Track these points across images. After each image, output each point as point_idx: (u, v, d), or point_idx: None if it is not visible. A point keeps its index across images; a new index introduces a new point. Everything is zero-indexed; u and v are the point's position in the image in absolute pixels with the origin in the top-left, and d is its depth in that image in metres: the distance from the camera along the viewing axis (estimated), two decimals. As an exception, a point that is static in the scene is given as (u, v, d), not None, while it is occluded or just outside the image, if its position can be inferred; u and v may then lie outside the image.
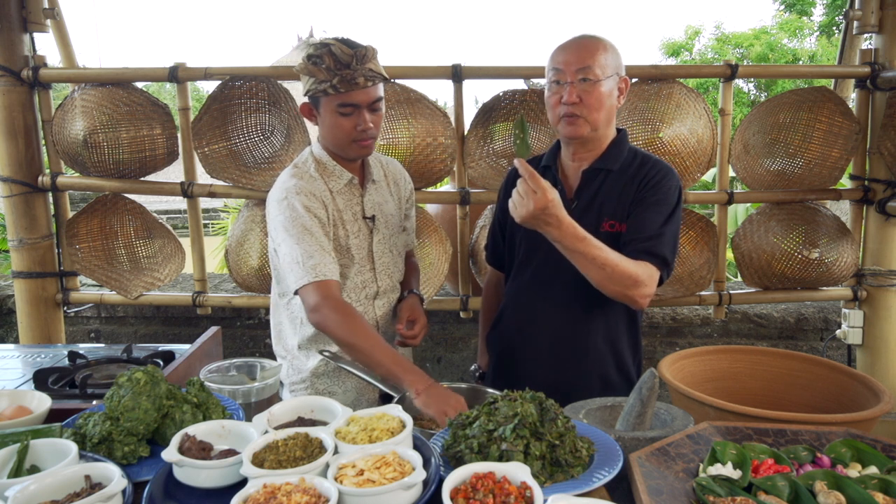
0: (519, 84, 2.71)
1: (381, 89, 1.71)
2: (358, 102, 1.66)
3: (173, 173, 2.94)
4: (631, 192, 1.70)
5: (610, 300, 1.66)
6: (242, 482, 1.05)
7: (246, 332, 3.29)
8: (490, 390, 1.55)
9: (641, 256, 1.60)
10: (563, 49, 1.70)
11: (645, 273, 1.58)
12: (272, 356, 1.92)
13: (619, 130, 1.79)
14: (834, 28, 17.75)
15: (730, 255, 3.01)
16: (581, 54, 1.64)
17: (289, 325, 1.89)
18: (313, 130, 2.97)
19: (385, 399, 1.54)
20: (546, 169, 1.83)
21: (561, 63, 1.67)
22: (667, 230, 1.65)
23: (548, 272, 1.76)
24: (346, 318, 1.59)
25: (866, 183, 2.84)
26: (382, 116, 1.75)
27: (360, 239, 1.82)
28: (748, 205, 5.79)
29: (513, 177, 1.93)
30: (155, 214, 2.96)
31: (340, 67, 1.62)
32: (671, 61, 18.76)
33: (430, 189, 2.99)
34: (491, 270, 2.08)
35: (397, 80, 2.65)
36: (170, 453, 1.10)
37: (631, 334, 1.81)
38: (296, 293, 1.66)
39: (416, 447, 1.15)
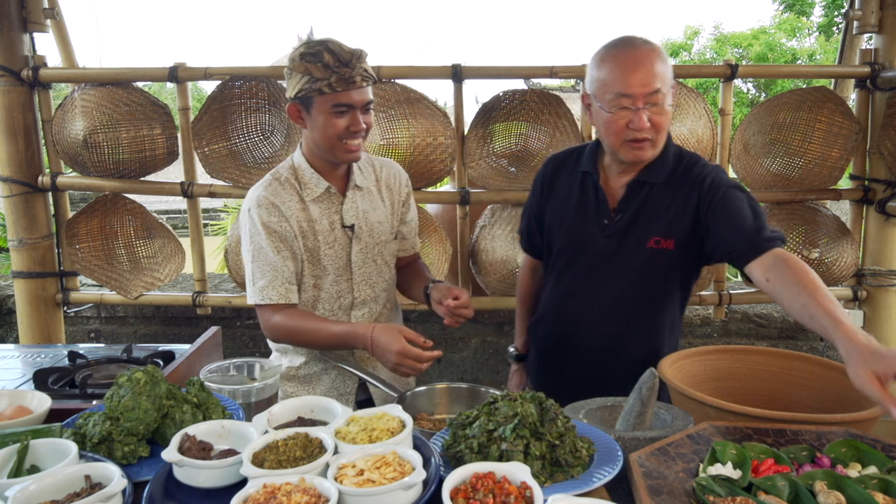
0: (519, 84, 2.71)
1: (371, 92, 1.69)
2: (353, 103, 1.63)
3: (173, 173, 2.94)
4: (682, 212, 1.62)
5: (652, 310, 1.66)
6: (242, 482, 1.05)
7: (246, 332, 3.29)
8: (491, 390, 1.55)
9: (766, 248, 1.47)
10: (623, 65, 1.55)
11: (801, 263, 1.43)
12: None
13: None
14: (833, 28, 17.76)
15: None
16: (649, 75, 1.53)
17: None
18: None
19: (360, 406, 1.56)
20: (586, 175, 1.74)
21: (630, 88, 1.53)
22: (758, 215, 1.54)
23: (588, 283, 1.72)
24: (290, 327, 1.71)
25: (866, 183, 2.84)
26: (372, 122, 1.71)
27: (337, 249, 1.77)
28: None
29: (550, 168, 1.84)
30: (155, 214, 2.96)
31: (339, 65, 1.59)
32: (670, 61, 18.77)
33: (430, 189, 2.99)
34: (526, 256, 2.01)
35: (397, 80, 2.65)
36: (170, 453, 1.10)
37: (671, 343, 1.76)
38: None
39: (416, 447, 1.15)
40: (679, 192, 1.64)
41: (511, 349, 2.06)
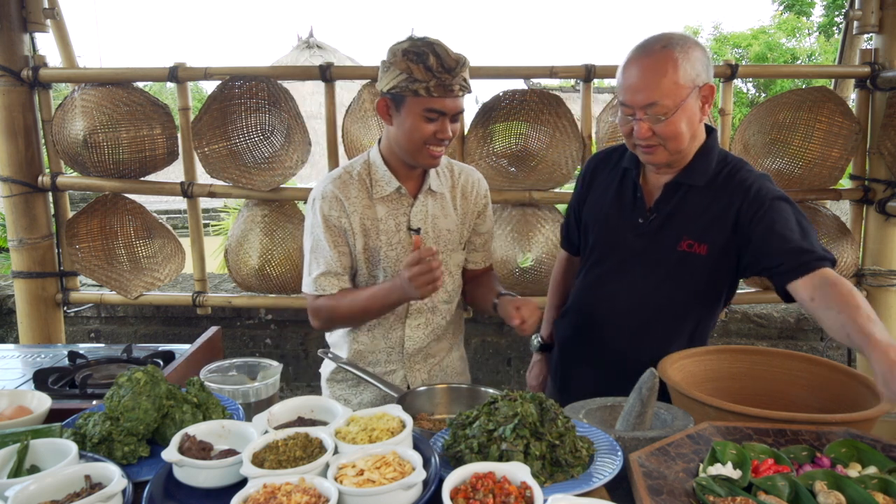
0: (519, 84, 2.72)
1: (464, 102, 1.65)
2: (446, 110, 1.58)
3: (173, 173, 2.95)
4: (721, 218, 1.56)
5: (676, 315, 1.63)
6: (242, 482, 1.05)
7: (246, 332, 3.29)
8: (490, 390, 1.55)
9: (815, 268, 1.44)
10: (627, 75, 1.52)
11: (849, 286, 1.40)
12: (272, 356, 1.92)
13: (708, 132, 1.63)
14: (833, 28, 17.75)
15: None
16: (646, 86, 1.48)
17: None
18: (317, 130, 2.98)
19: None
20: (626, 172, 1.71)
21: (625, 97, 1.52)
22: (806, 232, 1.50)
23: (615, 280, 1.70)
24: (331, 307, 1.72)
25: (866, 183, 2.84)
26: (458, 130, 1.67)
27: (399, 251, 1.73)
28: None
29: (592, 166, 1.82)
30: (155, 214, 2.96)
31: (442, 71, 1.54)
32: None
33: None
34: (562, 251, 2.00)
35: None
36: (170, 453, 1.10)
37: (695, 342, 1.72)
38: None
39: (416, 447, 1.15)
40: (720, 197, 1.58)
41: (535, 339, 2.02)
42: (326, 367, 1.92)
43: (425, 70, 1.54)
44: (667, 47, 1.49)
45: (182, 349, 1.90)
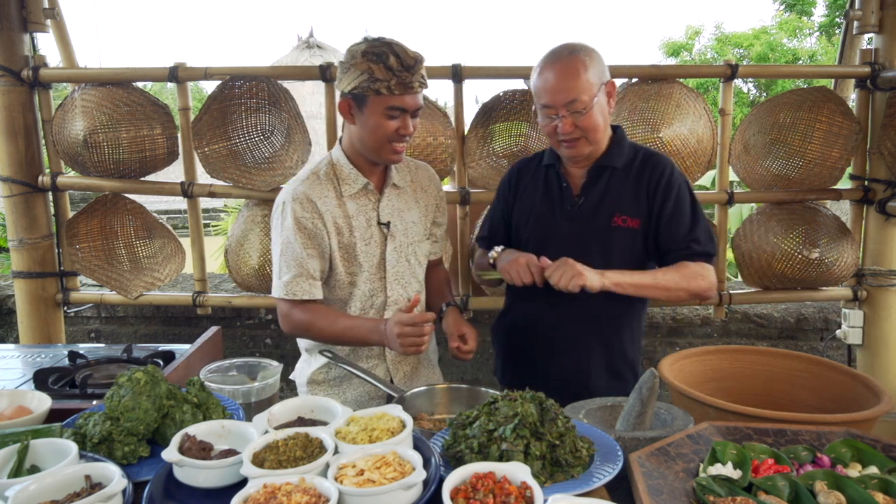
0: (519, 84, 2.71)
1: (422, 98, 1.71)
2: (407, 107, 1.64)
3: (173, 173, 2.94)
4: (643, 195, 1.75)
5: (611, 299, 1.68)
6: (242, 482, 1.05)
7: (246, 332, 3.29)
8: (491, 390, 1.55)
9: (686, 260, 1.71)
10: (545, 79, 1.69)
11: (698, 272, 1.71)
12: (272, 356, 1.93)
13: (614, 129, 1.82)
14: (834, 28, 17.74)
15: (730, 254, 3.01)
16: (565, 86, 1.65)
17: None
18: (317, 130, 2.98)
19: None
20: (549, 168, 1.86)
21: (547, 99, 1.68)
22: (696, 225, 1.74)
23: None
24: (307, 321, 1.74)
25: (866, 183, 2.83)
26: (418, 126, 1.73)
27: (372, 246, 1.78)
28: (753, 205, 5.78)
29: (515, 171, 1.97)
30: (155, 214, 2.96)
31: (402, 69, 1.60)
32: (671, 61, 18.71)
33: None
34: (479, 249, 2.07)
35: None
36: (170, 453, 1.10)
37: (633, 330, 1.86)
38: None
39: (416, 447, 1.15)
40: (641, 177, 1.76)
41: (490, 254, 1.88)
42: (304, 372, 1.92)
43: (385, 69, 1.59)
44: (573, 53, 1.68)
45: (182, 349, 1.90)
